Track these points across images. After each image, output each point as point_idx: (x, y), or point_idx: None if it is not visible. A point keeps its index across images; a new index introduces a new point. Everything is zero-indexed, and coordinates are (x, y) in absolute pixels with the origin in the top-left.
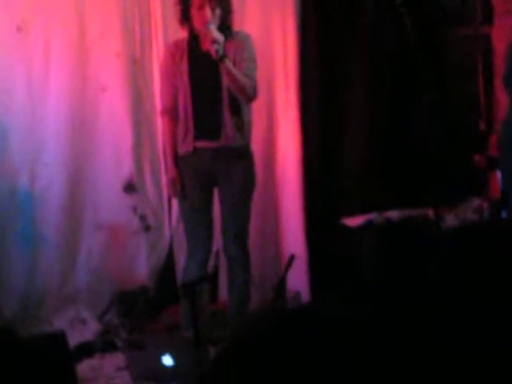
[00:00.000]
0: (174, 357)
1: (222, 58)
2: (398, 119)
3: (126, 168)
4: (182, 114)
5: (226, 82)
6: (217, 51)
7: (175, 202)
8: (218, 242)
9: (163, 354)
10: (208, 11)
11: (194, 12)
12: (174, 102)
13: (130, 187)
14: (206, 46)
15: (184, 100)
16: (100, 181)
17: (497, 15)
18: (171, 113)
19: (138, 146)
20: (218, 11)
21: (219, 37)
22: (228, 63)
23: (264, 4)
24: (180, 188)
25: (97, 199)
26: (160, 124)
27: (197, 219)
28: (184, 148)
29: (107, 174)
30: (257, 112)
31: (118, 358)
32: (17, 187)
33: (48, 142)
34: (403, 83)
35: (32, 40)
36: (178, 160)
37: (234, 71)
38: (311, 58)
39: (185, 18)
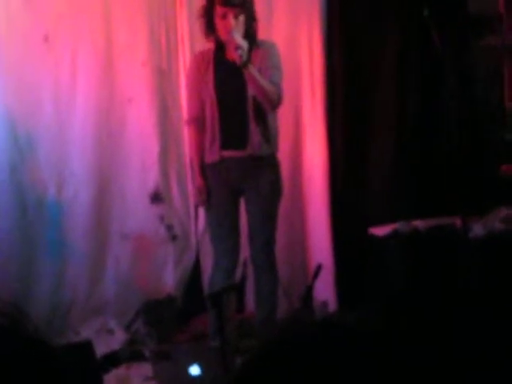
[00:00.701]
0: (202, 367)
1: (246, 63)
2: (424, 129)
3: (153, 178)
4: (208, 123)
5: (250, 88)
6: (240, 56)
7: (202, 212)
8: (245, 251)
9: (190, 364)
10: (231, 19)
11: (217, 21)
12: (201, 111)
13: (156, 197)
14: (231, 54)
15: (210, 109)
16: (127, 191)
17: None
18: (197, 122)
19: (164, 155)
20: (241, 18)
21: (243, 43)
22: (252, 69)
23: (290, 14)
24: (206, 197)
25: (124, 209)
26: (186, 133)
27: (223, 228)
28: (210, 157)
29: (134, 183)
30: (283, 121)
31: (145, 368)
32: (44, 197)
33: (75, 152)
34: (430, 94)
35: (59, 50)
36: (204, 169)
37: (258, 77)
38: (337, 69)
39: (210, 29)
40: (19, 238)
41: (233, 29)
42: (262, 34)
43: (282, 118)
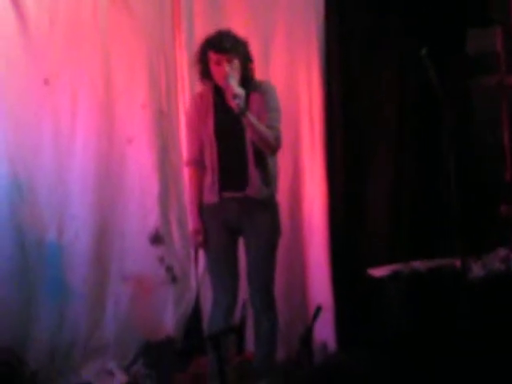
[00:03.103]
0: None
1: (244, 111)
2: (423, 169)
3: (153, 219)
4: (208, 165)
5: (249, 135)
6: (238, 105)
7: (201, 253)
8: (244, 292)
9: None
10: (226, 66)
11: (212, 68)
12: (200, 153)
13: (156, 238)
14: (229, 102)
15: (210, 152)
16: (127, 232)
17: None
18: (197, 164)
19: (164, 197)
20: (236, 63)
21: (240, 91)
22: (250, 117)
23: (289, 54)
24: (203, 239)
25: (124, 250)
26: (186, 175)
27: (222, 267)
28: (210, 198)
29: (134, 225)
30: (282, 162)
31: None
32: (45, 240)
33: (75, 194)
34: (428, 133)
35: (59, 93)
36: (203, 209)
37: (257, 124)
38: (336, 108)
39: (206, 74)
40: (19, 280)
41: (228, 75)
42: (259, 75)
43: (281, 159)
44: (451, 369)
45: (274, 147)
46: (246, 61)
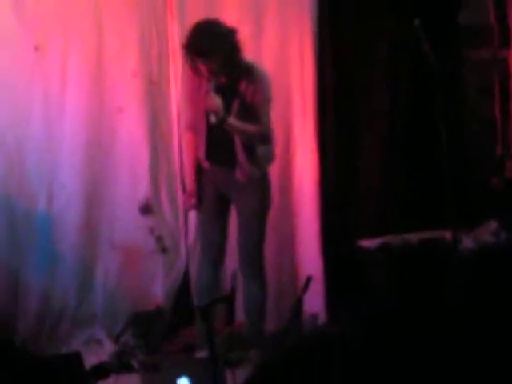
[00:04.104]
0: (190, 378)
1: (223, 121)
2: (415, 142)
3: (143, 189)
4: (198, 137)
5: (236, 136)
6: (214, 120)
7: (192, 223)
8: (235, 262)
9: (179, 375)
10: (204, 67)
11: (197, 63)
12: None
13: (146, 208)
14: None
15: (200, 127)
16: (117, 202)
17: None
18: (194, 129)
19: (154, 166)
20: (216, 63)
21: (216, 105)
22: (231, 121)
23: (281, 34)
24: (196, 202)
25: (113, 220)
26: (176, 145)
27: (212, 223)
28: (203, 164)
29: (124, 194)
30: (274, 134)
31: (133, 380)
32: (34, 208)
33: (65, 162)
34: (420, 106)
35: (49, 60)
36: (199, 173)
37: (239, 126)
38: (328, 81)
39: (193, 65)
40: (8, 249)
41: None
42: (251, 54)
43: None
44: (438, 341)
45: (262, 140)
46: (232, 54)
